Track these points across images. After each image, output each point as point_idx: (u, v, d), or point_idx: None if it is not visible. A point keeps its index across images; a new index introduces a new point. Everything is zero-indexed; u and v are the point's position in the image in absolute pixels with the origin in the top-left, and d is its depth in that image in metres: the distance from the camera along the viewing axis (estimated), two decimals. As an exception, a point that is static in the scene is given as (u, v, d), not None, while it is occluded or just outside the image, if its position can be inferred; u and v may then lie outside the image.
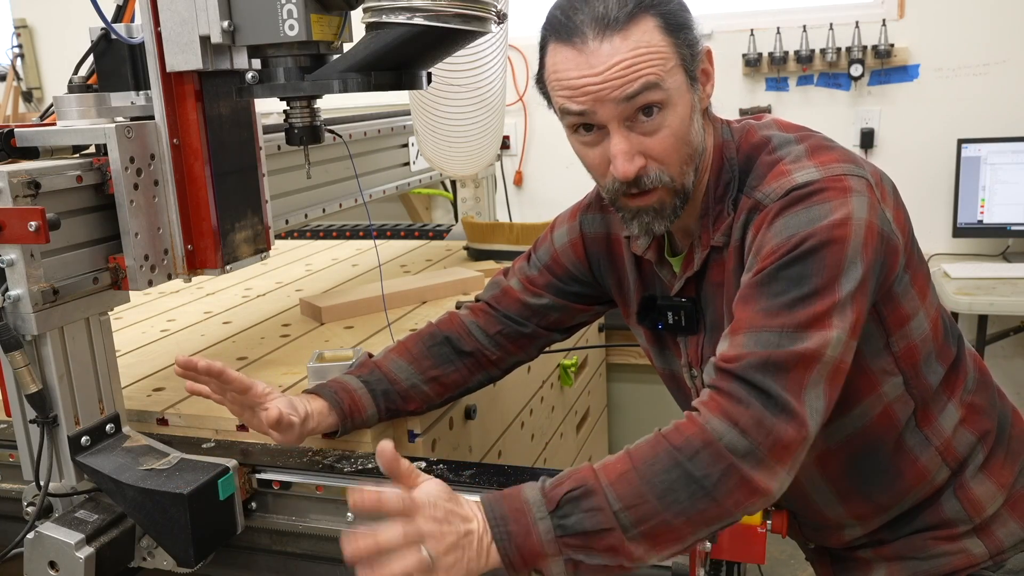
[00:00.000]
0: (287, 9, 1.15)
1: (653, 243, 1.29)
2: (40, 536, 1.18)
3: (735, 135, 1.22)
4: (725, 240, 1.18)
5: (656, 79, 1.08)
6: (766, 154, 1.17)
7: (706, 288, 1.24)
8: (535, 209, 3.84)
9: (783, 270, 1.06)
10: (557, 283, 1.43)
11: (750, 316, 1.06)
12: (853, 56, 3.32)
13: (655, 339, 1.36)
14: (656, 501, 0.98)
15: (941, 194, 3.34)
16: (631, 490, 0.98)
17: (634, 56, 1.07)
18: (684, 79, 1.12)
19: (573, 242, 1.42)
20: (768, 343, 1.03)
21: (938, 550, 1.24)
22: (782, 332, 1.03)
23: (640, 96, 1.08)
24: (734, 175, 1.19)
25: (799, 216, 1.07)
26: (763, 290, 1.06)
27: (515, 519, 0.99)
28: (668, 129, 1.11)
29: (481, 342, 1.45)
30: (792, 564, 2.79)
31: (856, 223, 1.06)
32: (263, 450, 1.37)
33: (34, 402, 1.20)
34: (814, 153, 1.14)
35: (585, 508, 0.98)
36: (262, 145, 1.42)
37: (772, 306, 1.05)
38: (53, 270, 1.18)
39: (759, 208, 1.12)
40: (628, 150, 1.10)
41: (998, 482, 1.25)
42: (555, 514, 0.98)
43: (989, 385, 1.30)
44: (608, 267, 1.39)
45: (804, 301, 1.04)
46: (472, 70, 2.05)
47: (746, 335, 1.05)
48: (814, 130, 1.22)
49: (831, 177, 1.09)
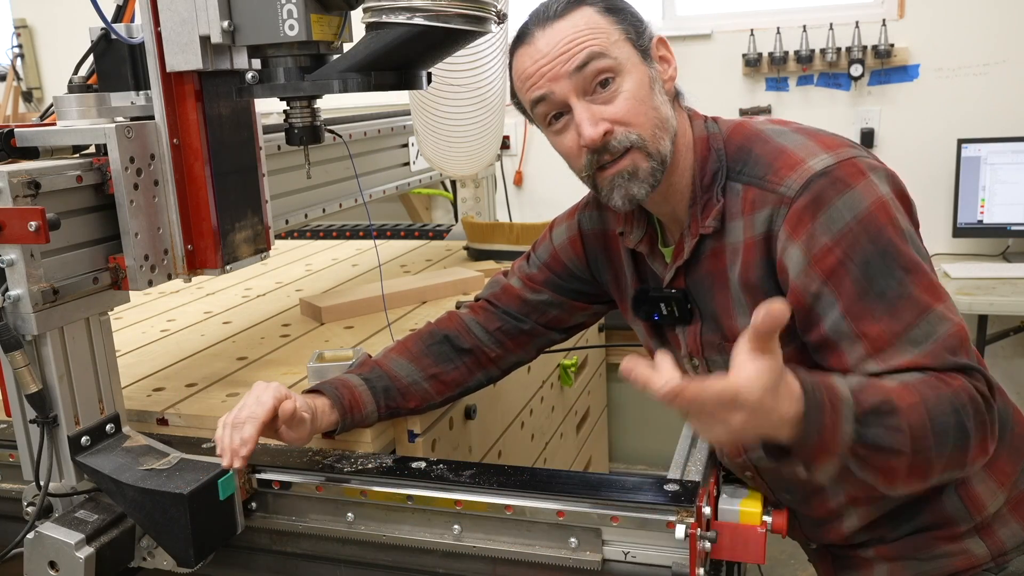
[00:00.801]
0: (287, 9, 1.16)
1: (645, 236, 1.31)
2: (40, 536, 1.18)
3: (722, 128, 1.25)
4: (718, 226, 1.20)
5: (600, 48, 1.16)
6: (763, 143, 1.19)
7: (697, 277, 1.25)
8: (535, 209, 3.84)
9: (868, 268, 1.09)
10: (556, 280, 1.45)
11: (884, 327, 1.08)
12: (853, 56, 3.32)
13: (654, 332, 1.36)
14: (933, 438, 1.01)
15: (941, 194, 3.34)
16: (920, 423, 1.01)
17: (575, 32, 1.17)
18: (632, 51, 1.18)
19: (572, 239, 1.43)
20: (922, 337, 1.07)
21: (940, 550, 1.24)
22: (920, 321, 1.07)
23: (589, 66, 1.15)
24: (722, 164, 1.21)
25: (838, 208, 1.10)
26: (869, 298, 1.09)
27: (831, 410, 0.98)
28: (625, 93, 1.17)
29: (480, 339, 1.45)
30: (792, 564, 2.79)
31: (889, 198, 1.12)
32: (263, 450, 1.37)
33: (34, 402, 1.20)
34: (816, 138, 1.18)
35: (888, 424, 1.00)
36: (262, 145, 1.42)
37: (891, 304, 1.08)
38: (53, 270, 1.18)
39: (784, 202, 1.13)
40: (591, 117, 1.16)
41: (999, 480, 1.25)
42: (860, 420, 1.00)
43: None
44: (606, 263, 1.41)
45: (907, 283, 1.08)
46: (472, 70, 2.05)
47: (897, 346, 1.07)
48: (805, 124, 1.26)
49: (845, 162, 1.13)
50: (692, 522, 1.11)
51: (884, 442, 1.01)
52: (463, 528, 1.23)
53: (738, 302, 1.20)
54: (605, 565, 1.17)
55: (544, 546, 1.19)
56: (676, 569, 1.13)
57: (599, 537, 1.17)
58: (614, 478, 1.23)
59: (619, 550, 1.17)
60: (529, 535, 1.20)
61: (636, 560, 1.16)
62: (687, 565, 1.11)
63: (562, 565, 1.19)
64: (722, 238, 1.20)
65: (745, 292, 1.19)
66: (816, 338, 1.13)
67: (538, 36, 1.18)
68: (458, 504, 1.22)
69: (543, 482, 1.22)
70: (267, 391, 1.23)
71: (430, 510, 1.24)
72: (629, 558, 1.16)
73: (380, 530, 1.27)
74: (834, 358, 1.12)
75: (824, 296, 1.10)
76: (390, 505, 1.26)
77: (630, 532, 1.16)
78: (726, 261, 1.20)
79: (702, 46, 3.59)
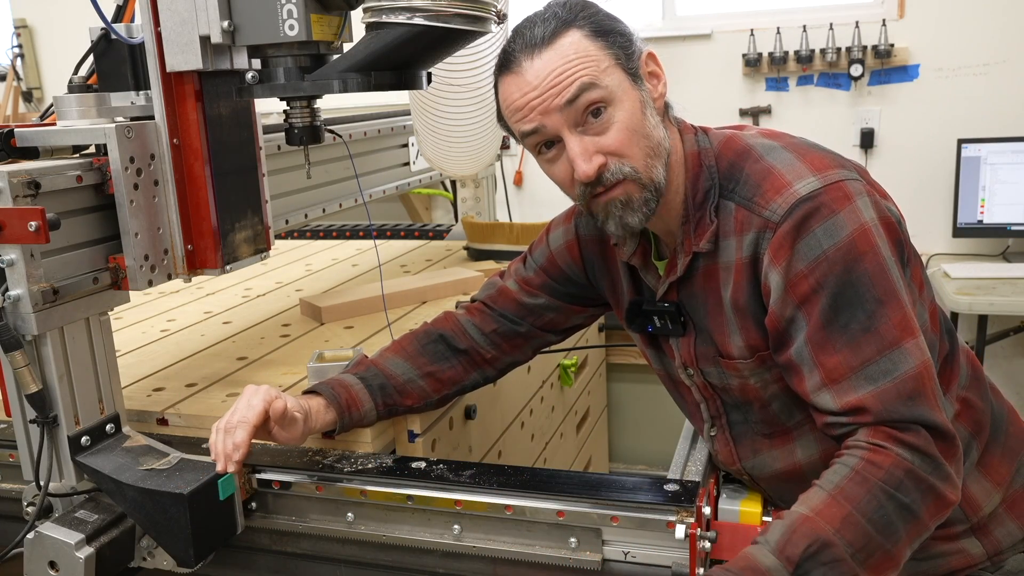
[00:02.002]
0: (287, 9, 1.15)
1: (639, 249, 1.30)
2: (40, 536, 1.18)
3: (713, 142, 1.23)
4: (711, 247, 1.19)
5: (591, 79, 1.12)
6: (753, 162, 1.18)
7: (691, 292, 1.24)
8: (535, 209, 3.84)
9: (837, 299, 1.08)
10: (552, 284, 1.44)
11: (842, 360, 1.08)
12: (853, 56, 3.32)
13: (649, 342, 1.37)
14: (880, 536, 1.02)
15: (941, 194, 3.34)
16: (859, 532, 1.02)
17: (564, 63, 1.13)
18: (624, 77, 1.15)
19: (569, 244, 1.43)
20: (879, 374, 1.07)
21: (936, 550, 1.24)
22: (880, 358, 1.07)
23: (581, 98, 1.13)
24: (714, 182, 1.20)
25: (817, 235, 1.09)
26: (832, 328, 1.09)
27: None
28: (618, 124, 1.14)
29: (476, 340, 1.45)
30: (792, 564, 2.79)
31: (872, 225, 1.10)
32: (263, 450, 1.37)
33: (34, 402, 1.20)
34: (806, 158, 1.16)
35: (825, 561, 1.01)
36: (262, 145, 1.42)
37: (853, 338, 1.08)
38: (53, 270, 1.18)
39: (768, 226, 1.13)
40: (584, 151, 1.14)
41: (994, 480, 1.25)
42: (795, 573, 1.01)
43: (982, 381, 1.31)
44: (602, 270, 1.40)
45: (876, 316, 1.07)
46: (472, 70, 2.05)
47: (852, 380, 1.08)
48: (795, 136, 1.24)
49: (831, 186, 1.11)
50: (692, 522, 1.11)
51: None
52: (463, 528, 1.23)
53: (730, 321, 1.20)
54: (605, 565, 1.17)
55: (544, 546, 1.19)
56: (676, 569, 1.13)
57: (599, 537, 1.17)
58: (614, 478, 1.23)
59: (619, 550, 1.17)
60: (529, 535, 1.20)
61: (636, 560, 1.16)
62: (687, 565, 1.12)
63: (562, 565, 1.19)
64: (715, 257, 1.20)
65: (735, 312, 1.19)
66: (784, 360, 1.14)
67: (525, 66, 1.14)
68: (458, 504, 1.22)
69: (543, 482, 1.22)
70: (257, 394, 1.24)
71: (430, 510, 1.24)
72: (629, 558, 1.16)
73: (380, 530, 1.27)
74: (796, 381, 1.13)
75: (796, 321, 1.11)
76: (390, 505, 1.26)
77: (630, 532, 1.16)
78: (719, 280, 1.20)
79: (702, 46, 3.59)
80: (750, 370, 1.20)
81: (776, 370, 1.19)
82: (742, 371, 1.21)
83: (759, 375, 1.20)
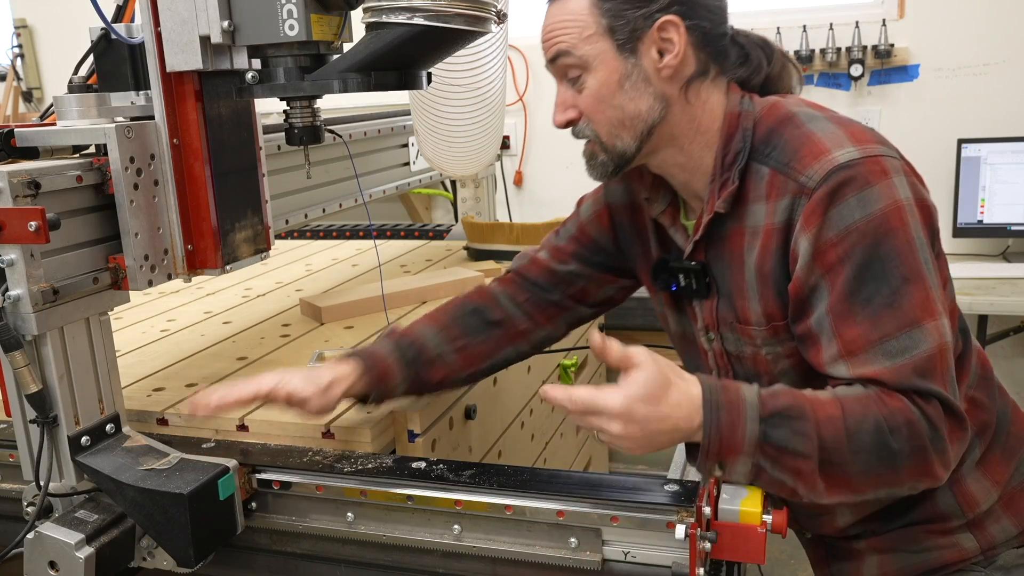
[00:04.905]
0: (287, 9, 1.15)
1: (668, 207, 1.32)
2: (40, 536, 1.18)
3: (757, 107, 1.23)
4: (727, 208, 1.20)
5: (566, 47, 1.19)
6: (794, 128, 1.17)
7: (717, 253, 1.25)
8: (535, 209, 3.83)
9: (863, 271, 1.08)
10: (583, 252, 1.46)
11: (861, 332, 1.08)
12: (853, 56, 3.32)
13: (672, 303, 1.37)
14: (850, 454, 1.04)
15: (941, 194, 3.33)
16: (835, 435, 1.04)
17: (555, 23, 1.20)
18: (608, 46, 1.18)
19: (598, 213, 1.45)
20: (897, 350, 1.07)
21: (929, 543, 1.24)
22: (900, 334, 1.07)
23: (557, 61, 1.22)
24: (746, 145, 1.20)
25: (851, 204, 1.09)
26: (855, 300, 1.09)
27: (729, 410, 1.04)
28: (588, 90, 1.20)
29: (509, 311, 1.46)
30: (792, 564, 2.79)
31: (906, 203, 1.10)
32: (263, 450, 1.37)
33: (34, 402, 1.20)
34: (848, 129, 1.16)
35: (795, 428, 1.04)
36: (262, 145, 1.42)
37: (875, 312, 1.08)
38: (53, 270, 1.18)
39: (804, 192, 1.12)
40: (562, 102, 1.23)
41: (993, 479, 1.26)
42: (766, 421, 1.04)
43: (991, 381, 1.31)
44: (633, 235, 1.42)
45: (900, 292, 1.08)
46: (472, 70, 2.05)
47: (869, 353, 1.08)
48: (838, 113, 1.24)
49: (870, 158, 1.11)
50: (692, 522, 1.11)
51: (789, 444, 1.04)
52: (463, 528, 1.23)
53: (751, 286, 1.20)
54: (605, 565, 1.17)
55: (544, 546, 1.19)
56: (676, 569, 1.13)
57: (599, 537, 1.17)
58: (614, 478, 1.23)
59: (619, 550, 1.17)
60: (529, 535, 1.20)
61: (636, 560, 1.16)
62: (687, 565, 1.11)
63: (562, 565, 1.19)
64: (743, 220, 1.20)
65: (758, 278, 1.19)
66: (802, 330, 1.14)
67: (546, 10, 1.23)
68: (458, 504, 1.22)
69: (543, 482, 1.22)
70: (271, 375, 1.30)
71: (430, 510, 1.24)
72: (629, 558, 1.16)
73: (380, 530, 1.27)
74: (812, 352, 1.13)
75: (819, 289, 1.11)
76: (390, 505, 1.26)
77: (630, 532, 1.16)
78: (744, 243, 1.20)
79: (702, 46, 3.58)
80: (763, 339, 1.21)
81: (789, 344, 1.19)
82: (755, 339, 1.22)
83: (771, 346, 1.21)
